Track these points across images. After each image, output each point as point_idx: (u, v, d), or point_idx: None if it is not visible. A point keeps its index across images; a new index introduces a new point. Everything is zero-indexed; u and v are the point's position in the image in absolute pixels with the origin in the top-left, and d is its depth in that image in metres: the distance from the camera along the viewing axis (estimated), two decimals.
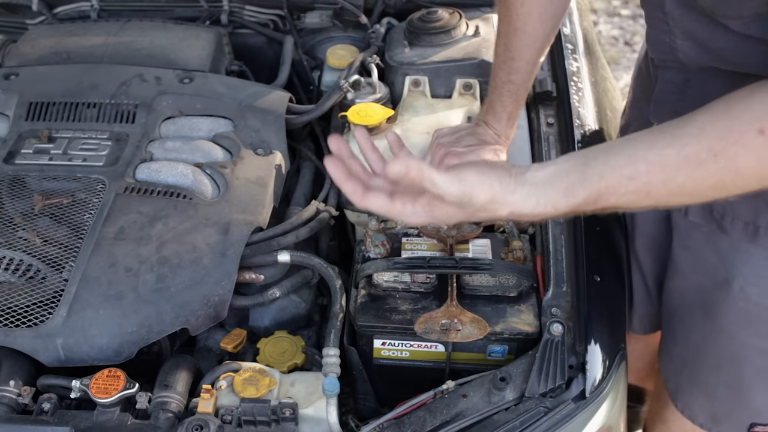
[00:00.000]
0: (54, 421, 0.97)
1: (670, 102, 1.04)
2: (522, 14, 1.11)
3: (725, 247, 1.07)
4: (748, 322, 1.09)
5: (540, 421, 0.96)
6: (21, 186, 1.26)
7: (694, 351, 1.20)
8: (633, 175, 0.78)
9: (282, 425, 1.00)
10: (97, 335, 1.05)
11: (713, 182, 0.76)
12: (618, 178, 0.78)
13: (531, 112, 1.42)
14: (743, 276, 1.06)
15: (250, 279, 1.20)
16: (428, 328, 1.07)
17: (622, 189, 0.79)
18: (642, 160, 0.77)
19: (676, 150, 0.76)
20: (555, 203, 0.81)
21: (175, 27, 1.64)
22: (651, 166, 0.77)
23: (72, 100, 1.39)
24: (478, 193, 0.81)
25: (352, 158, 0.91)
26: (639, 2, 1.02)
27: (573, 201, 0.81)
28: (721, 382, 1.18)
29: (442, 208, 0.84)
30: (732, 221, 1.04)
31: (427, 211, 0.84)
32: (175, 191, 1.22)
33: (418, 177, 0.79)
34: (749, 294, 1.06)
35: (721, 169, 0.75)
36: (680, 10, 0.91)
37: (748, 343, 1.11)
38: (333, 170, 0.87)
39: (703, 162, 0.75)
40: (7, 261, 1.12)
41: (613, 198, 0.80)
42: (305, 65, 1.70)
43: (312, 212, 1.30)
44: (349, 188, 0.86)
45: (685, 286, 1.18)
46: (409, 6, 1.70)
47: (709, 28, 0.88)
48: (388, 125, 1.36)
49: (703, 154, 0.74)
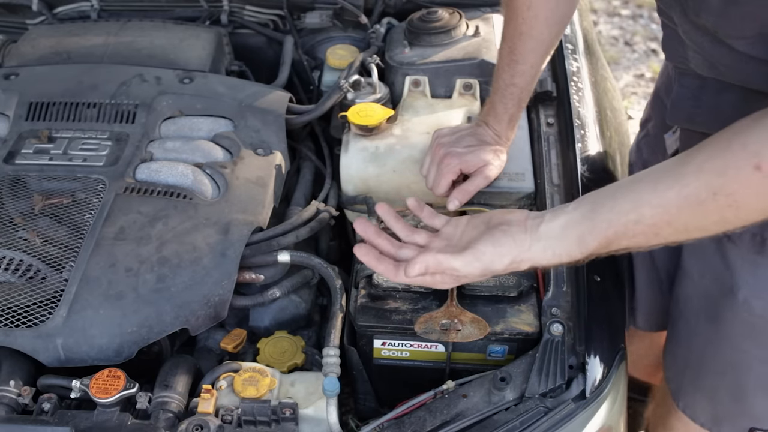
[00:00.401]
0: (54, 421, 0.97)
1: (686, 107, 1.04)
2: (528, 18, 1.10)
3: (733, 257, 1.07)
4: (752, 332, 1.09)
5: (540, 421, 0.96)
6: (21, 186, 1.26)
7: (697, 354, 1.20)
8: (639, 219, 0.81)
9: (282, 425, 1.00)
10: (97, 335, 1.05)
11: (716, 219, 0.78)
12: (624, 223, 0.82)
13: (531, 112, 1.42)
14: (748, 287, 1.06)
15: (250, 279, 1.20)
16: (428, 328, 1.07)
17: (630, 233, 0.82)
18: (646, 204, 0.80)
19: (677, 191, 0.78)
20: (569, 253, 0.87)
21: (175, 27, 1.64)
22: (654, 210, 0.79)
23: (72, 100, 1.39)
24: (497, 264, 0.89)
25: (378, 237, 0.99)
26: (639, 2, 1.01)
27: (586, 250, 0.86)
28: (722, 387, 1.18)
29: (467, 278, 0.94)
30: (740, 233, 1.03)
31: (455, 279, 0.94)
32: (175, 191, 1.22)
33: (439, 270, 0.90)
34: (753, 306, 1.06)
35: (721, 207, 0.76)
36: (687, 25, 0.91)
37: (750, 353, 1.11)
38: (364, 257, 0.96)
39: (703, 201, 0.76)
40: (7, 261, 1.12)
41: (624, 241, 0.83)
42: (305, 65, 1.70)
43: (312, 212, 1.30)
44: (382, 269, 0.96)
45: (693, 291, 1.18)
46: (409, 6, 1.70)
47: (714, 45, 0.88)
48: (388, 125, 1.36)
49: (702, 194, 0.76)
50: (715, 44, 0.88)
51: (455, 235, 0.97)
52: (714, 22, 0.83)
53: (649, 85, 3.35)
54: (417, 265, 0.89)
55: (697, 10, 0.85)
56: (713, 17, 0.83)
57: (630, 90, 3.32)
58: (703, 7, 0.83)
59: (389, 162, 1.31)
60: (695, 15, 0.86)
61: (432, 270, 0.90)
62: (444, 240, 0.97)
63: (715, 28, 0.84)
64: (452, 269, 0.90)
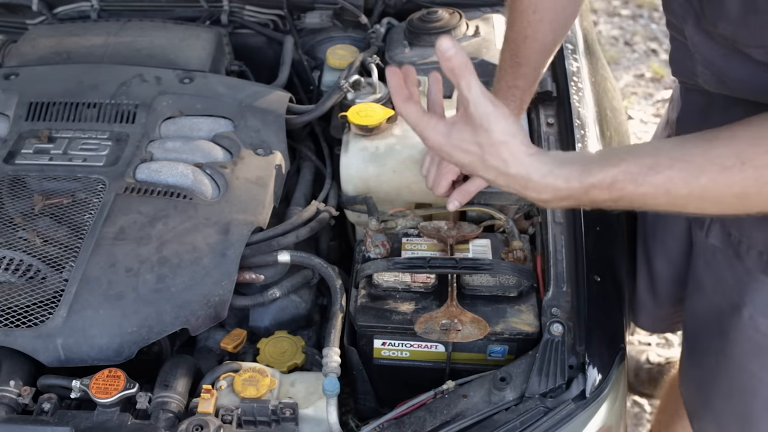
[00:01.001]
0: (54, 421, 0.97)
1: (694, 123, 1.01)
2: (534, 22, 1.09)
3: (741, 273, 1.05)
4: (758, 353, 1.07)
5: (540, 421, 0.96)
6: (21, 186, 1.26)
7: (708, 374, 1.19)
8: (654, 166, 0.75)
9: (282, 425, 1.00)
10: (97, 335, 1.05)
11: (737, 191, 0.73)
12: (638, 165, 0.76)
13: (531, 112, 1.42)
14: (754, 305, 1.04)
15: (250, 279, 1.20)
16: (428, 329, 1.07)
17: (640, 178, 0.76)
18: (666, 154, 0.75)
19: (703, 150, 0.74)
20: (568, 177, 0.79)
21: (175, 27, 1.64)
22: (674, 162, 0.74)
23: (72, 100, 1.39)
24: (500, 123, 0.81)
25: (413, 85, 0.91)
26: (639, 2, 1.01)
27: (587, 179, 0.78)
28: (730, 412, 1.17)
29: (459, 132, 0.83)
30: (748, 249, 1.02)
31: (447, 129, 0.84)
32: (175, 191, 1.22)
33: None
34: (759, 324, 1.05)
35: (746, 179, 0.72)
36: (700, 36, 0.88)
37: (757, 376, 1.09)
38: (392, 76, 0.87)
39: (729, 168, 0.72)
40: (7, 261, 1.12)
41: (630, 186, 0.77)
42: (305, 65, 1.70)
43: (312, 212, 1.30)
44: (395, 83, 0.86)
45: (707, 306, 1.16)
46: (409, 6, 1.70)
47: (726, 58, 0.86)
48: (388, 125, 1.36)
49: (730, 160, 0.72)
50: (727, 57, 0.86)
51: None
52: (733, 31, 0.81)
53: (649, 85, 3.35)
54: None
55: (714, 20, 0.83)
56: (732, 26, 0.80)
57: (630, 90, 3.32)
58: (721, 17, 0.81)
59: (389, 162, 1.31)
60: (712, 25, 0.84)
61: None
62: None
63: (734, 38, 0.82)
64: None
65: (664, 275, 1.30)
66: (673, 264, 1.26)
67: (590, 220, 1.17)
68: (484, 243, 1.21)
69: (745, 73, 0.85)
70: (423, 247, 1.22)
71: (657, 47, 3.54)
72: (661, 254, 1.28)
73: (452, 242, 1.20)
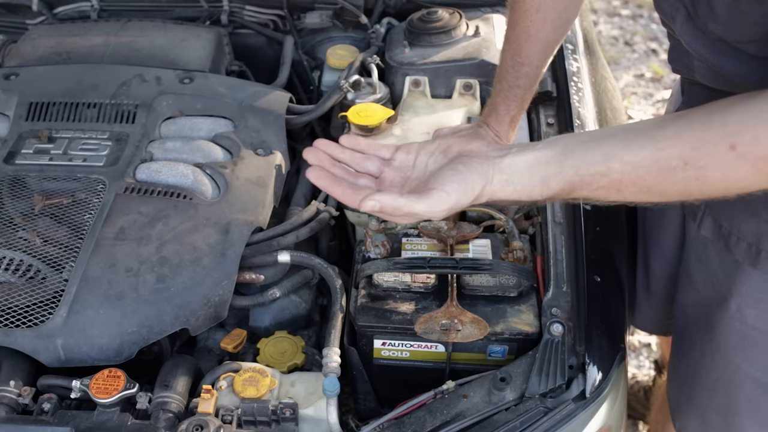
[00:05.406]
0: (54, 422, 0.97)
1: None
2: (536, 21, 1.09)
3: (729, 265, 1.06)
4: (743, 345, 1.08)
5: (540, 421, 0.95)
6: (21, 186, 1.26)
7: (693, 369, 1.19)
8: (606, 172, 0.80)
9: (282, 425, 1.00)
10: (98, 335, 1.05)
11: (680, 188, 0.78)
12: (592, 174, 0.81)
13: (531, 112, 1.42)
14: (741, 296, 1.05)
15: (250, 279, 1.20)
16: (428, 329, 1.07)
17: (594, 184, 0.81)
18: (617, 158, 0.79)
19: (650, 153, 0.77)
20: (530, 192, 0.85)
21: (175, 27, 1.64)
22: (624, 166, 0.79)
23: (72, 101, 1.39)
24: (462, 202, 0.85)
25: (333, 166, 0.93)
26: (639, 2, 1.01)
27: (547, 192, 0.85)
28: (713, 407, 1.17)
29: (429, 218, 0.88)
30: (737, 241, 1.03)
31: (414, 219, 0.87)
32: (175, 191, 1.22)
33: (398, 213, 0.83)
34: (745, 315, 1.05)
35: (688, 178, 0.76)
36: (690, 34, 0.90)
37: (742, 369, 1.10)
38: (318, 180, 0.89)
39: (673, 169, 0.76)
40: (7, 261, 1.12)
41: (585, 191, 0.83)
42: (305, 65, 1.70)
43: (312, 212, 1.30)
44: (339, 193, 0.88)
45: (696, 299, 1.17)
46: (409, 6, 1.70)
47: (719, 54, 0.88)
48: (388, 125, 1.36)
49: (674, 162, 0.76)
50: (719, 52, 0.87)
51: (409, 163, 0.94)
52: (723, 30, 0.84)
53: (649, 85, 3.35)
54: (370, 203, 0.82)
55: (705, 20, 0.85)
56: (722, 26, 0.84)
57: (630, 90, 3.32)
58: (710, 17, 0.84)
59: None
60: (704, 25, 0.86)
61: (389, 211, 0.84)
62: (399, 171, 0.93)
63: (723, 36, 0.85)
64: (413, 214, 0.84)
65: (659, 273, 1.30)
66: (668, 261, 1.26)
67: (590, 220, 1.17)
68: (484, 243, 1.21)
69: (739, 67, 0.87)
70: (423, 247, 1.22)
71: (657, 47, 3.54)
72: (656, 252, 1.28)
73: (452, 242, 1.20)
